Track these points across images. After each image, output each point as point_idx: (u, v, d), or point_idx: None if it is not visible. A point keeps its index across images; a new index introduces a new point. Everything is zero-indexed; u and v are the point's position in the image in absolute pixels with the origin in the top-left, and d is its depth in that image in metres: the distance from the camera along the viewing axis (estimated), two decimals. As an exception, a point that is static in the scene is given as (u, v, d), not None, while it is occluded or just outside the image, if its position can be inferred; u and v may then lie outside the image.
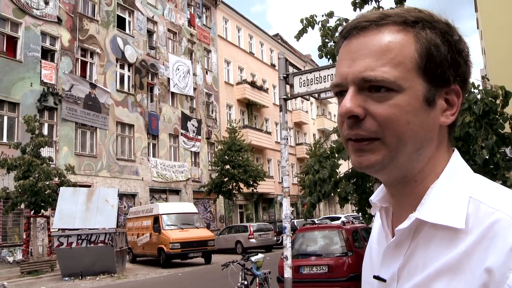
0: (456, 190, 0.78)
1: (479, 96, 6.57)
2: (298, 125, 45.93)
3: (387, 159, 0.78)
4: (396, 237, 0.81)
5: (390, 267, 0.82)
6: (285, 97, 6.16)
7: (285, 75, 6.14)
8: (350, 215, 33.38)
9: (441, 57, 0.78)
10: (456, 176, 0.80)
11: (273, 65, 42.56)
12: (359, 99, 0.78)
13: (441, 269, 0.73)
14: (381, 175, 0.84)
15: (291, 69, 6.32)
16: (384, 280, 0.83)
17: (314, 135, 48.59)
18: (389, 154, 0.78)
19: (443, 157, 0.83)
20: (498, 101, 6.48)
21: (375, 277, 0.86)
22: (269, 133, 39.23)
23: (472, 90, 6.65)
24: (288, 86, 6.21)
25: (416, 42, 0.78)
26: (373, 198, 0.93)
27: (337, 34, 7.92)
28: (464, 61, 0.81)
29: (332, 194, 8.11)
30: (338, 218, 29.22)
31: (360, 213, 8.69)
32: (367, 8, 7.95)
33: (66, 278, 15.56)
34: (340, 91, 0.83)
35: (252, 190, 29.43)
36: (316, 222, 24.80)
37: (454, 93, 0.81)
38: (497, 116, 6.62)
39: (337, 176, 7.87)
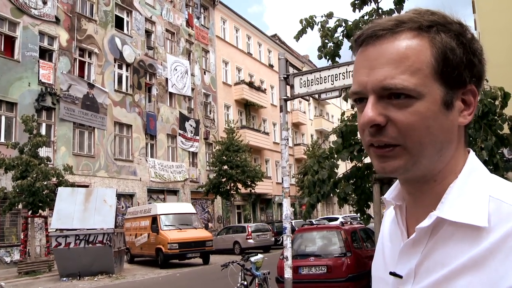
0: (475, 189, 0.79)
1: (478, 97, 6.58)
2: (296, 126, 45.97)
3: (410, 163, 0.80)
4: (415, 235, 0.82)
5: (407, 264, 0.83)
6: (285, 97, 6.17)
7: (285, 76, 6.15)
8: (348, 216, 33.41)
9: (457, 60, 0.79)
10: (474, 176, 0.82)
11: (271, 66, 42.59)
12: (380, 107, 0.79)
13: (464, 266, 0.74)
14: (403, 177, 0.86)
15: (291, 70, 6.33)
16: (400, 277, 0.84)
17: (311, 135, 48.64)
18: (412, 159, 0.80)
19: (461, 157, 0.84)
20: (497, 102, 6.50)
21: (391, 273, 0.87)
22: (267, 133, 39.25)
23: (480, 90, 6.67)
24: (288, 87, 6.22)
25: (432, 47, 0.79)
26: (387, 196, 0.94)
27: (336, 35, 7.94)
28: (479, 60, 0.82)
29: (331, 195, 8.11)
30: (336, 219, 29.25)
31: (358, 214, 8.70)
32: (366, 9, 7.97)
33: (64, 279, 15.52)
34: (359, 98, 0.84)
35: (250, 190, 29.43)
36: (314, 222, 24.82)
37: (470, 93, 0.82)
38: (496, 117, 6.63)
39: (336, 177, 7.87)
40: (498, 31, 13.72)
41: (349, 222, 14.32)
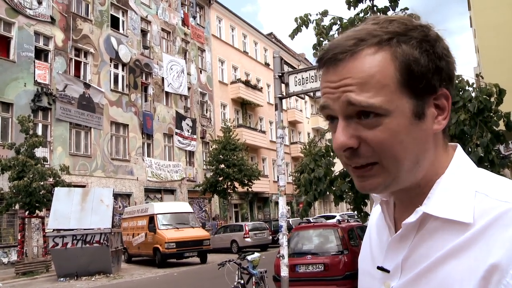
0: (461, 184, 0.80)
1: (473, 94, 6.60)
2: (293, 124, 45.99)
3: (388, 180, 0.80)
4: (401, 231, 0.83)
5: (394, 259, 0.84)
6: (280, 96, 6.17)
7: (280, 74, 6.15)
8: (345, 214, 33.45)
9: (422, 70, 0.77)
10: (461, 171, 0.82)
11: (267, 64, 42.56)
12: (351, 129, 0.78)
13: (445, 255, 0.75)
14: (384, 192, 0.87)
15: (286, 68, 6.33)
16: (388, 271, 0.85)
17: (308, 134, 48.67)
18: (390, 175, 0.79)
19: (444, 158, 0.84)
20: (492, 99, 6.51)
21: (379, 267, 0.87)
22: (264, 132, 39.26)
23: (467, 88, 6.68)
24: (283, 85, 6.22)
25: (394, 60, 0.77)
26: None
27: (331, 32, 7.95)
28: (446, 62, 0.80)
29: (328, 193, 8.12)
30: (333, 217, 29.32)
31: (355, 211, 8.71)
32: (361, 6, 7.98)
33: (62, 279, 15.51)
34: (330, 116, 0.83)
35: (247, 189, 29.44)
36: (312, 221, 24.84)
37: (443, 97, 0.81)
38: (491, 114, 6.65)
39: (333, 175, 7.88)
40: (494, 28, 13.76)
41: (346, 220, 14.34)
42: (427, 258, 0.78)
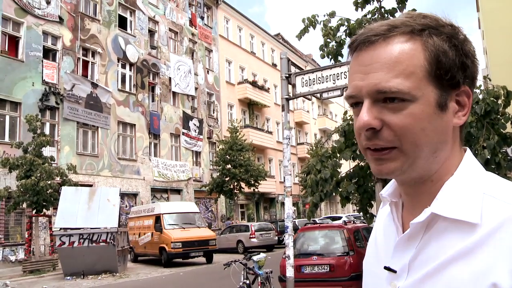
0: (469, 186, 0.81)
1: (480, 96, 6.58)
2: (299, 125, 45.94)
3: (406, 165, 0.82)
4: (409, 230, 0.84)
5: (401, 259, 0.85)
6: (287, 97, 6.17)
7: (287, 75, 6.15)
8: (352, 215, 33.38)
9: (450, 62, 0.81)
10: (469, 174, 0.84)
11: (274, 65, 42.55)
12: (375, 111, 0.81)
13: (454, 258, 0.76)
14: (400, 178, 0.88)
15: (293, 69, 6.33)
16: (394, 271, 0.86)
17: (315, 134, 48.60)
18: (407, 161, 0.81)
19: (457, 157, 0.86)
20: (499, 101, 6.48)
21: (386, 268, 0.88)
22: (270, 132, 39.23)
23: (474, 90, 6.65)
24: (290, 86, 6.22)
25: (425, 50, 0.80)
26: (383, 193, 0.96)
27: (339, 34, 7.94)
28: (471, 61, 0.84)
29: (334, 194, 8.11)
30: (339, 218, 29.24)
31: (361, 213, 8.70)
32: (369, 7, 7.96)
33: (68, 277, 15.59)
34: (355, 102, 0.86)
35: (253, 189, 29.44)
36: (317, 222, 24.81)
37: (464, 94, 0.84)
38: (498, 116, 6.62)
39: (339, 176, 7.88)
40: (502, 30, 13.68)
41: (352, 221, 14.32)
42: (435, 259, 0.79)
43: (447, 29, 0.82)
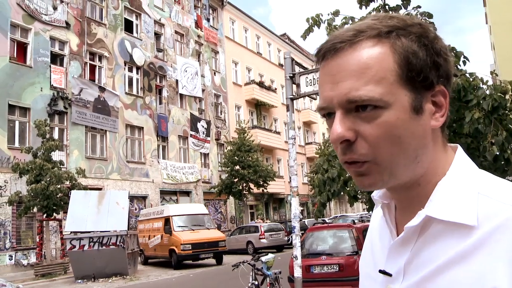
0: (463, 186, 0.78)
1: (488, 92, 6.51)
2: (307, 125, 45.87)
3: (386, 176, 0.79)
4: (403, 234, 0.81)
5: (396, 262, 0.83)
6: (291, 96, 6.16)
7: (291, 75, 6.14)
8: (361, 214, 33.24)
9: (421, 63, 0.77)
10: (462, 173, 0.81)
11: (280, 65, 42.48)
12: (348, 122, 0.78)
13: (451, 261, 0.74)
14: (383, 188, 0.86)
15: (297, 69, 6.32)
16: (390, 275, 0.84)
17: (323, 134, 48.49)
18: (385, 171, 0.78)
19: (443, 157, 0.83)
20: (507, 97, 6.41)
21: (380, 271, 0.86)
22: (278, 133, 39.20)
23: (481, 85, 6.59)
24: (294, 86, 6.21)
25: (394, 53, 0.77)
26: (374, 195, 0.94)
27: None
28: (444, 59, 0.80)
29: (342, 193, 8.07)
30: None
31: (370, 212, 8.66)
32: (373, 5, 7.91)
33: (79, 281, 15.68)
34: (327, 113, 0.83)
35: (262, 190, 29.43)
36: (327, 221, 24.78)
37: (440, 94, 0.81)
38: (506, 112, 6.55)
39: (346, 175, 7.84)
40: (509, 24, 13.55)
41: (361, 220, 14.26)
42: (431, 263, 0.77)
43: (415, 28, 0.79)
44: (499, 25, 14.85)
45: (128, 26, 27.08)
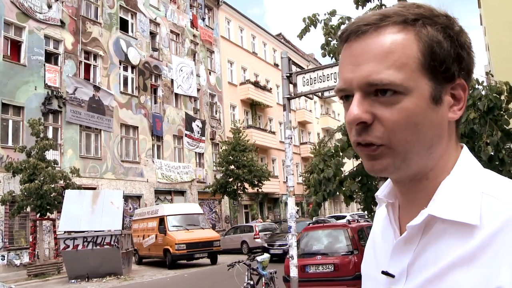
0: (467, 185, 0.77)
1: (483, 92, 6.53)
2: (302, 124, 45.91)
3: (398, 161, 0.78)
4: (406, 234, 0.81)
5: (399, 263, 0.82)
6: (288, 96, 6.15)
7: (288, 74, 6.13)
8: (356, 214, 33.29)
9: (445, 54, 0.77)
10: (466, 172, 0.80)
11: (276, 65, 42.56)
12: (366, 104, 0.77)
13: (455, 263, 0.73)
14: (393, 176, 0.84)
15: (294, 68, 6.31)
16: (392, 276, 0.83)
17: (318, 134, 48.56)
18: (398, 157, 0.78)
19: (453, 153, 0.83)
20: (502, 97, 6.44)
21: (383, 272, 0.85)
22: (273, 132, 39.22)
23: (476, 86, 6.62)
24: (291, 85, 6.20)
25: (418, 41, 0.77)
26: (379, 194, 0.93)
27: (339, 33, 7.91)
28: (467, 53, 0.80)
29: (338, 193, 8.08)
30: (344, 217, 29.18)
31: (365, 211, 8.67)
32: (369, 5, 7.93)
33: (73, 281, 15.61)
34: (345, 95, 0.82)
35: (257, 190, 29.43)
36: (320, 221, 24.73)
37: (460, 87, 0.80)
38: (502, 112, 6.57)
39: (342, 175, 7.84)
40: (504, 25, 13.60)
41: (356, 220, 14.26)
42: (435, 264, 0.75)
43: (441, 19, 0.79)
44: (493, 26, 14.89)
45: (124, 25, 26.99)
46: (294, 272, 5.64)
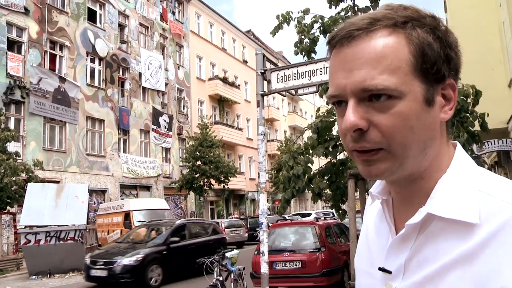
0: (464, 183, 0.78)
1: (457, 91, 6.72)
2: (270, 122, 46.11)
3: (395, 165, 0.78)
4: (404, 231, 0.81)
5: (396, 260, 0.83)
6: (262, 92, 6.16)
7: (262, 71, 6.14)
8: (321, 211, 33.70)
9: (435, 55, 0.78)
10: (463, 170, 0.81)
11: (245, 61, 42.55)
12: (361, 111, 0.77)
13: (454, 261, 0.74)
14: (389, 178, 0.84)
15: (268, 65, 6.33)
16: (389, 272, 0.84)
17: (285, 131, 48.87)
18: (397, 161, 0.78)
19: (446, 152, 0.84)
20: (469, 100, 6.64)
21: (380, 269, 0.86)
22: (241, 129, 39.24)
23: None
24: (265, 82, 6.21)
25: (409, 43, 0.77)
26: (373, 191, 0.93)
27: (313, 31, 7.97)
28: (455, 52, 0.81)
29: (306, 190, 8.16)
30: (309, 215, 29.51)
31: (333, 209, 8.78)
32: (342, 5, 8.02)
33: (33, 277, 15.18)
34: (337, 101, 0.82)
35: (223, 186, 29.43)
36: (287, 218, 25.00)
37: (450, 87, 0.81)
38: (467, 115, 6.78)
39: (311, 172, 7.93)
40: (469, 29, 13.95)
41: (322, 218, 14.46)
42: (434, 262, 0.76)
43: (429, 20, 0.79)
44: (458, 29, 15.21)
45: (92, 16, 26.36)
46: (265, 268, 5.66)
